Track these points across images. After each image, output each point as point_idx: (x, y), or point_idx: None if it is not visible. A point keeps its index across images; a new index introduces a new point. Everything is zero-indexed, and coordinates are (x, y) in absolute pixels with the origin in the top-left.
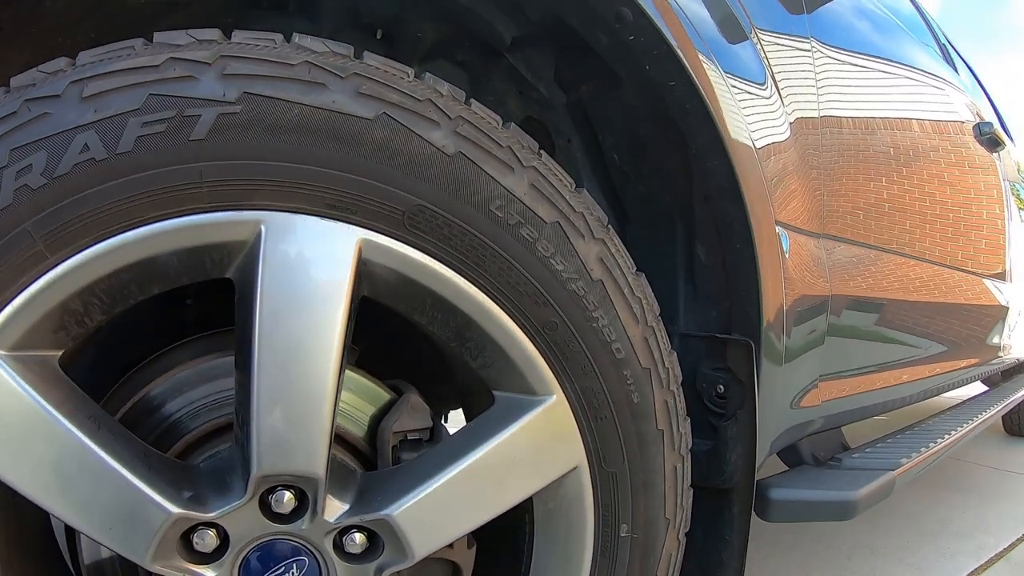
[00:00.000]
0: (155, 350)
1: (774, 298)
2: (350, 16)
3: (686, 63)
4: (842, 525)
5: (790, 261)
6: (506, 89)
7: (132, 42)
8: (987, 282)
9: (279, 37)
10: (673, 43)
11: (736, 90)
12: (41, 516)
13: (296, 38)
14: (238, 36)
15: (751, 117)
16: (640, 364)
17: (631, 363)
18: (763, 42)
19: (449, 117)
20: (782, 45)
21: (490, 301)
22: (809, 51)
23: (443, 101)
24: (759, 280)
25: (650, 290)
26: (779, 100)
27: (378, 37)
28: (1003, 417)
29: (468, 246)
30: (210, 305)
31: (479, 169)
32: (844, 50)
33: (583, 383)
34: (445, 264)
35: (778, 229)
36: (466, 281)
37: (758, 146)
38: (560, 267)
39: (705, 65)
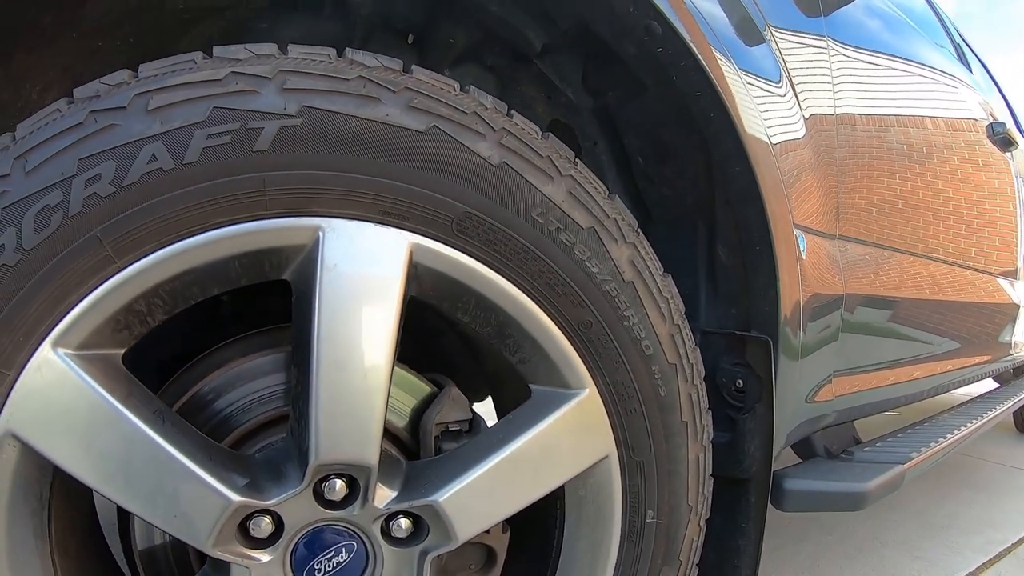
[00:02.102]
0: (194, 346)
1: (791, 296)
2: (383, 21)
3: (712, 75)
4: (852, 518)
5: (807, 261)
6: (535, 94)
7: (192, 55)
8: (999, 280)
9: (332, 51)
10: (699, 56)
11: (756, 95)
12: (89, 509)
13: (349, 52)
14: (294, 51)
15: (770, 120)
16: (667, 360)
17: (659, 359)
18: (780, 46)
19: (494, 129)
20: (798, 45)
21: (530, 301)
22: (825, 49)
23: (488, 114)
24: (777, 279)
25: (676, 290)
26: (795, 101)
27: (409, 42)
28: (1014, 414)
29: (511, 250)
30: (244, 303)
31: (522, 178)
32: (859, 49)
33: (614, 378)
34: (489, 267)
35: (795, 231)
36: (509, 283)
37: (776, 150)
38: (595, 269)
39: (728, 75)
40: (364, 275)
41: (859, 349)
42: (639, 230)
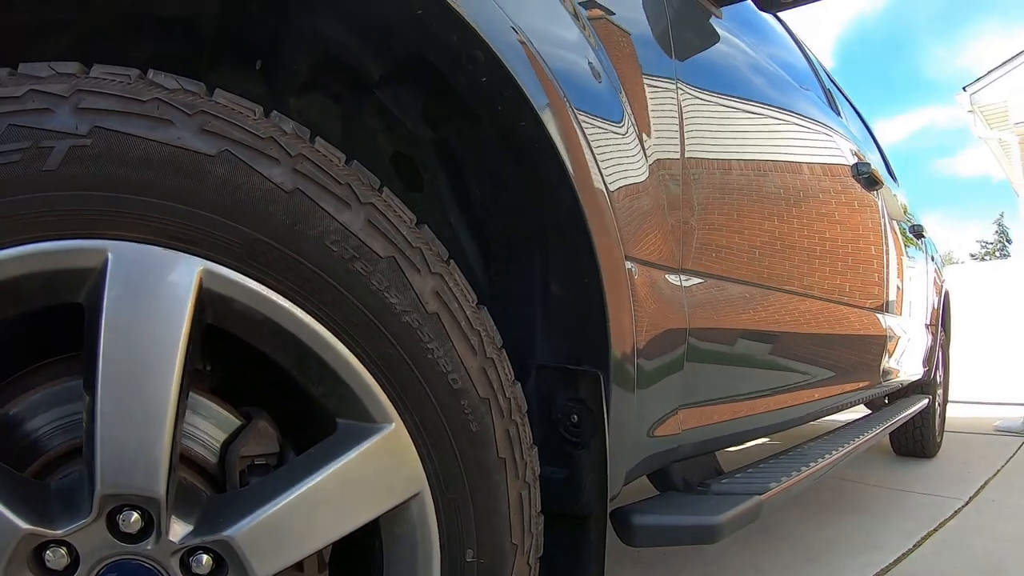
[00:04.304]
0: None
1: (623, 330)
2: (231, 45)
3: (535, 105)
4: (731, 547)
5: (641, 294)
6: (376, 124)
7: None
8: (866, 313)
9: (135, 72)
10: (522, 84)
11: (589, 129)
12: None
13: (151, 74)
14: (97, 70)
15: (604, 155)
16: (478, 394)
17: (468, 393)
18: (625, 84)
19: (290, 154)
20: (648, 86)
21: (328, 332)
22: (674, 91)
23: (285, 139)
24: (606, 312)
25: (491, 322)
26: (637, 140)
27: (257, 68)
28: (891, 437)
29: (304, 278)
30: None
31: (316, 205)
32: (716, 93)
33: (421, 412)
34: (283, 295)
35: (628, 264)
36: (304, 312)
37: (609, 183)
38: (394, 300)
39: (553, 106)
40: (150, 300)
41: (709, 382)
42: (449, 260)
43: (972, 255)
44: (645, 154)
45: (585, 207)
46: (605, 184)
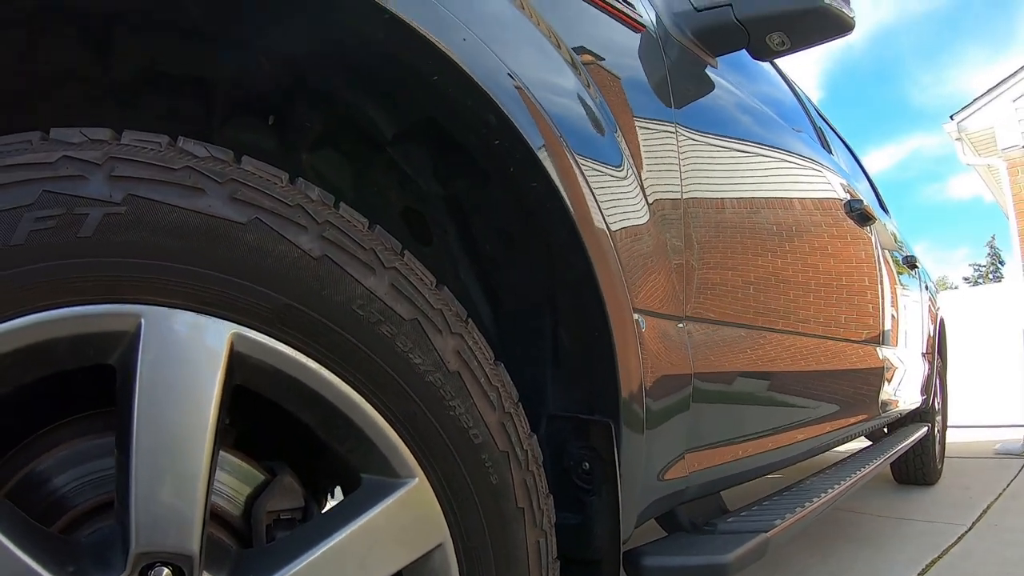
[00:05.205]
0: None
1: (632, 380)
2: (243, 101)
3: (547, 166)
4: None
5: (648, 344)
6: (387, 181)
7: (29, 136)
8: (863, 346)
9: (165, 139)
10: (535, 149)
11: (597, 186)
12: None
13: (180, 141)
14: (128, 137)
15: (610, 210)
16: (498, 448)
17: (489, 447)
18: (625, 134)
19: (317, 221)
20: (646, 132)
21: (354, 392)
22: (673, 135)
23: (312, 206)
24: (616, 363)
25: (508, 378)
26: (639, 187)
27: (270, 123)
28: (892, 466)
29: (332, 342)
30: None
31: (343, 271)
32: (712, 135)
33: (443, 467)
34: (311, 358)
35: (635, 316)
36: (331, 374)
37: (616, 236)
38: (418, 361)
39: (566, 169)
40: (183, 363)
41: (713, 424)
42: (468, 320)
43: (966, 278)
44: (648, 206)
45: (596, 267)
46: (615, 242)
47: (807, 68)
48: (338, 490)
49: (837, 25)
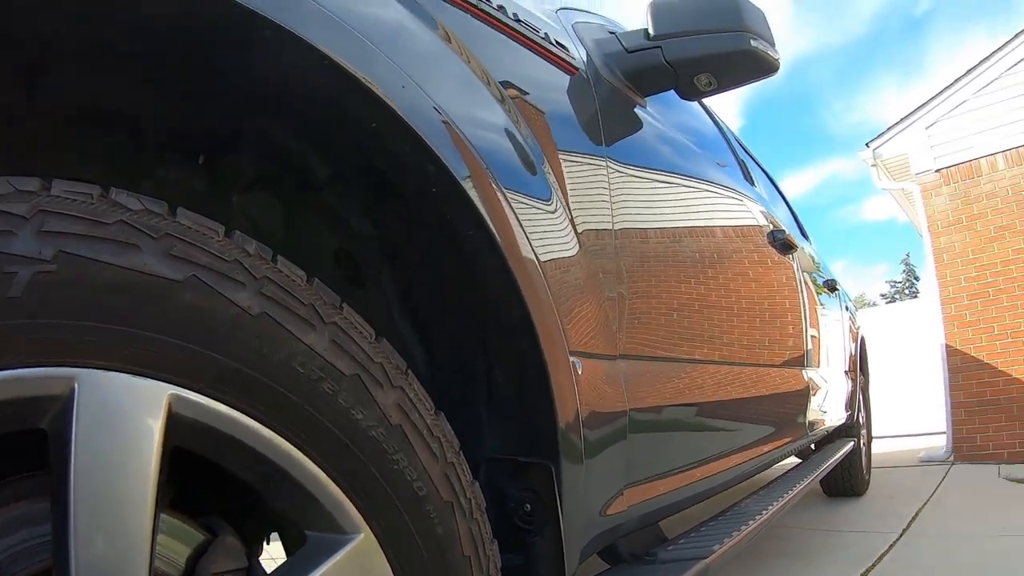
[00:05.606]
0: None
1: (570, 421)
2: (173, 139)
3: (472, 196)
4: None
5: (584, 385)
6: (320, 222)
7: None
8: (788, 369)
9: (97, 190)
10: (459, 179)
11: (525, 217)
12: None
13: (113, 192)
14: (58, 187)
15: (539, 241)
16: (442, 498)
17: (433, 498)
18: (555, 173)
19: (255, 277)
20: (579, 178)
21: (296, 450)
22: (604, 169)
23: (250, 261)
24: (554, 406)
25: (448, 427)
26: (571, 227)
27: (200, 163)
28: (821, 481)
29: (273, 401)
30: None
31: (282, 328)
32: (641, 168)
33: (389, 520)
34: (252, 418)
35: (572, 359)
36: (273, 433)
37: (546, 269)
38: (360, 416)
39: (491, 199)
40: (119, 428)
41: (649, 458)
42: (407, 371)
43: (883, 295)
44: (575, 228)
45: (534, 316)
46: (548, 282)
47: (728, 97)
48: (275, 538)
49: (763, 67)
